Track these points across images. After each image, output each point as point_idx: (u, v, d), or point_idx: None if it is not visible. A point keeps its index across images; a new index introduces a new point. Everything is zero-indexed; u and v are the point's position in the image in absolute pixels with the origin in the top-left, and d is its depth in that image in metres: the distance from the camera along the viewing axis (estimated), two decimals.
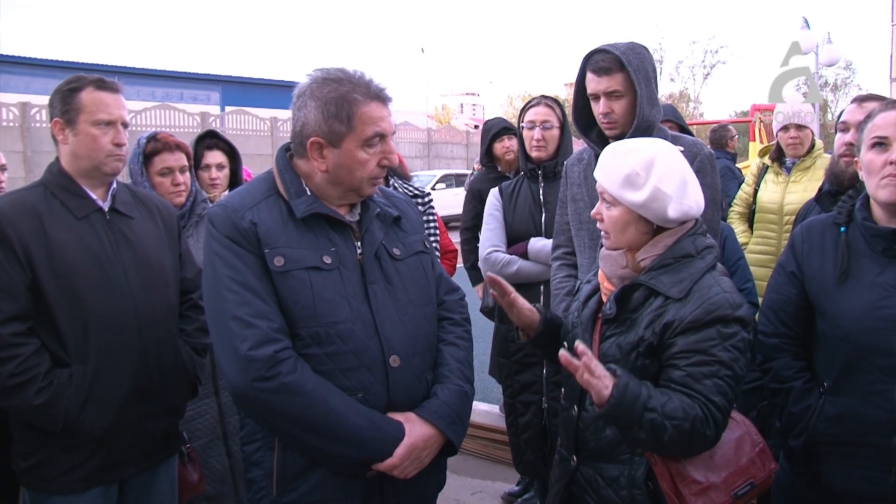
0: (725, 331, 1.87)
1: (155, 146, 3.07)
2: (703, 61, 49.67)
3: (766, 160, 4.65)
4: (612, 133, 2.71)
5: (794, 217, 4.07)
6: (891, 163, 2.03)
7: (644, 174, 1.96)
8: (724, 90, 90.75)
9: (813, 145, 4.50)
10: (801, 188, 4.31)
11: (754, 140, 11.12)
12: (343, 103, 1.94)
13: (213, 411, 3.02)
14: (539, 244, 3.52)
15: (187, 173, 3.12)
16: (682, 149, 2.09)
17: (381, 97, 2.00)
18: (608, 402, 1.75)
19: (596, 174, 2.07)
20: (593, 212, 2.10)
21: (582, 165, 2.92)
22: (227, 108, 27.15)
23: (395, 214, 2.18)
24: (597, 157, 2.83)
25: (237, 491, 3.08)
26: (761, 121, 10.70)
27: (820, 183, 4.04)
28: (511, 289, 2.20)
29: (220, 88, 31.05)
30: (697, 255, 1.98)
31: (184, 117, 23.79)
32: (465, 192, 19.86)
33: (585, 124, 2.86)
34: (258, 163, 21.38)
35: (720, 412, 1.85)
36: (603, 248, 2.12)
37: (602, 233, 2.09)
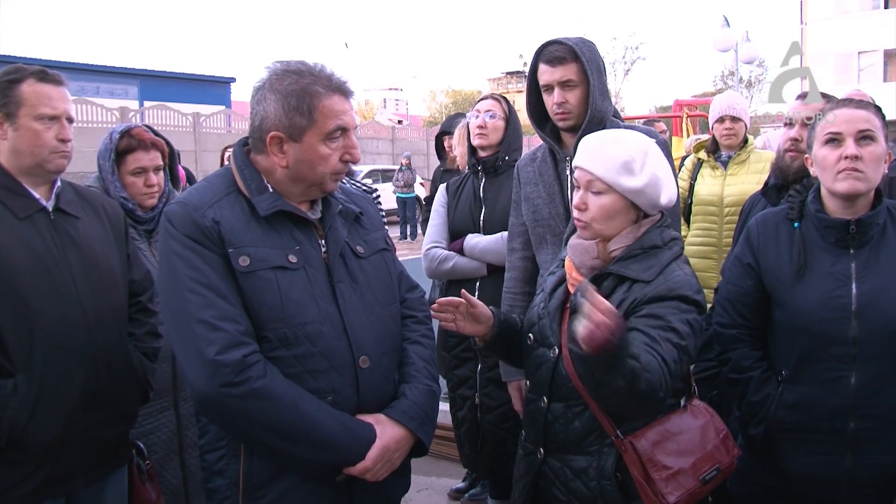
0: (683, 306, 1.94)
1: (129, 143, 2.85)
2: (624, 57, 50.85)
3: (702, 154, 4.75)
4: (566, 124, 2.71)
5: (733, 209, 4.20)
6: (845, 157, 2.12)
7: (641, 160, 2.01)
8: (643, 86, 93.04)
9: (746, 139, 4.62)
10: (740, 181, 4.42)
11: (678, 135, 11.44)
12: (304, 96, 1.89)
13: (171, 424, 2.88)
14: (473, 241, 3.51)
15: (161, 173, 2.93)
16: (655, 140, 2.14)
17: (343, 90, 1.95)
18: (612, 343, 1.62)
19: (582, 163, 2.06)
20: (576, 202, 2.08)
21: (535, 164, 2.90)
22: (147, 103, 26.08)
23: (357, 211, 2.14)
24: (551, 152, 2.85)
25: (189, 503, 2.97)
26: (689, 116, 11.00)
27: (756, 176, 4.19)
28: (458, 302, 2.20)
29: (139, 82, 29.78)
30: (665, 245, 2.04)
31: (102, 112, 22.72)
32: (392, 187, 19.73)
33: (539, 120, 2.86)
34: (180, 159, 20.76)
35: (671, 377, 1.83)
36: (574, 238, 2.14)
37: (577, 223, 2.09)
